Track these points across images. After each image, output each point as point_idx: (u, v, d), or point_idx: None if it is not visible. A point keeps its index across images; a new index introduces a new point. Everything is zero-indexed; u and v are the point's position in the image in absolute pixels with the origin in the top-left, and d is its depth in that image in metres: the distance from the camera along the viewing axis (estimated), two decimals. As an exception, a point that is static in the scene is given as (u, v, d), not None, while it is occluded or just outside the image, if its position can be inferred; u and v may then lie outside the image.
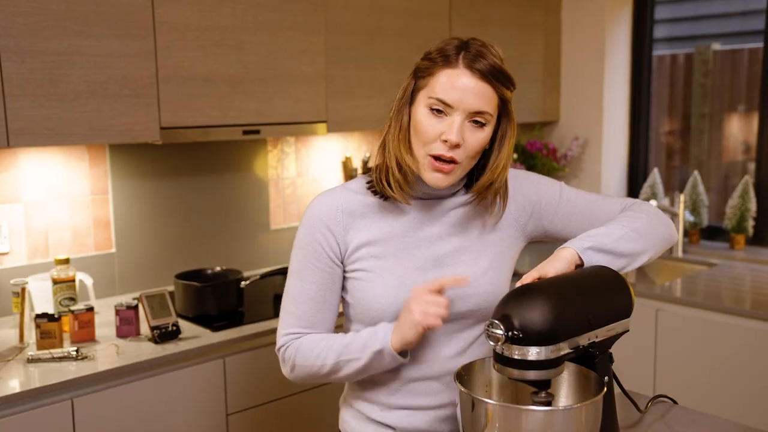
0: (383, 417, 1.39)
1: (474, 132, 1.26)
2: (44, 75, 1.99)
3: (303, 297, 1.36)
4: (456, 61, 1.25)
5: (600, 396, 1.11)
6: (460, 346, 1.36)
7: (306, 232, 1.37)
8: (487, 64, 1.24)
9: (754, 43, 3.28)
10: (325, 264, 1.35)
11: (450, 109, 1.25)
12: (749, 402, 2.44)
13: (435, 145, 1.26)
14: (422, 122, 1.26)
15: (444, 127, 1.25)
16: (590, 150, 3.52)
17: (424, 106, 1.27)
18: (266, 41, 2.42)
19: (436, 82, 1.25)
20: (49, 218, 2.39)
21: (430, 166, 1.27)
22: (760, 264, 2.99)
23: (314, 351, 1.33)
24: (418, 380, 1.36)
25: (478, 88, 1.24)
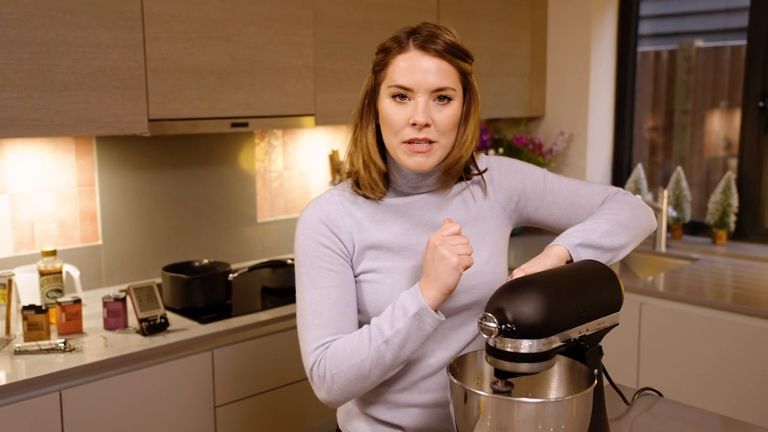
0: (391, 417, 1.36)
1: (441, 109, 1.26)
2: (32, 65, 1.98)
3: (324, 304, 1.28)
4: (407, 45, 1.26)
5: (591, 388, 1.12)
6: (468, 338, 1.35)
7: (306, 239, 1.31)
8: (440, 42, 1.25)
9: (737, 41, 3.32)
10: (338, 263, 1.30)
11: (411, 93, 1.25)
12: (730, 393, 2.48)
13: (405, 131, 1.26)
14: (388, 112, 1.26)
15: (410, 111, 1.25)
16: (575, 145, 3.55)
17: (387, 97, 1.27)
18: (255, 33, 2.41)
19: (393, 70, 1.26)
20: (35, 210, 2.37)
21: (407, 151, 1.27)
22: (741, 259, 3.04)
23: (347, 349, 1.23)
24: (427, 376, 1.34)
25: (435, 66, 1.25)
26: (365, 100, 1.32)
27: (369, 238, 1.32)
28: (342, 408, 1.47)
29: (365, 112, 1.32)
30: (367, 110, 1.32)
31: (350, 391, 1.25)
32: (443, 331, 1.34)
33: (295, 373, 2.35)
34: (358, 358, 1.22)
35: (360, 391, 1.26)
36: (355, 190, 1.35)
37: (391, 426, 1.37)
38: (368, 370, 1.22)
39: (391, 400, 1.36)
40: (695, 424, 1.49)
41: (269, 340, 2.28)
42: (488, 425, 1.11)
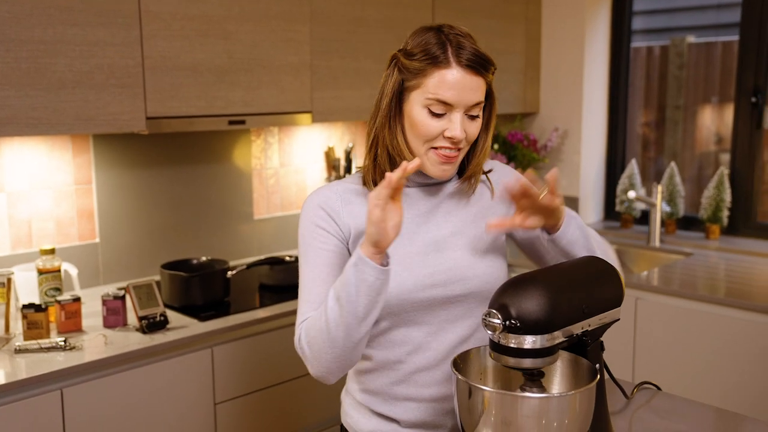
0: (387, 410, 1.38)
1: (471, 123, 1.32)
2: (29, 64, 1.97)
3: (314, 281, 1.32)
4: (446, 60, 1.27)
5: (593, 383, 1.14)
6: (464, 333, 1.37)
7: (305, 222, 1.36)
8: (470, 53, 1.28)
9: (729, 36, 3.35)
10: (331, 244, 1.34)
11: (450, 107, 1.28)
12: (723, 386, 2.51)
13: (438, 141, 1.30)
14: (422, 122, 1.29)
15: (445, 125, 1.29)
16: (570, 141, 3.57)
17: (420, 107, 1.29)
18: (252, 31, 2.42)
19: (431, 83, 1.28)
20: (32, 208, 2.37)
21: (437, 160, 1.32)
22: (734, 253, 3.07)
23: (314, 317, 1.27)
24: (423, 370, 1.36)
25: (473, 82, 1.28)
26: (392, 99, 1.32)
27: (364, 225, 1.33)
28: (344, 402, 1.49)
29: (393, 113, 1.33)
30: (394, 110, 1.33)
31: (326, 360, 1.25)
32: (438, 324, 1.36)
33: (294, 369, 2.36)
34: (322, 322, 1.23)
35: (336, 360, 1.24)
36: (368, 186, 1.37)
37: (388, 419, 1.39)
38: (332, 332, 1.22)
39: (388, 393, 1.38)
40: (692, 417, 1.51)
41: (268, 337, 2.29)
42: (492, 420, 1.13)
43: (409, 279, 1.32)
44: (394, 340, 1.36)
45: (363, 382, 1.42)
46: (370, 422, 1.41)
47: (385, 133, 1.33)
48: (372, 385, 1.40)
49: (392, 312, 1.33)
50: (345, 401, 1.49)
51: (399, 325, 1.35)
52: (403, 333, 1.35)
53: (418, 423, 1.38)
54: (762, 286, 2.63)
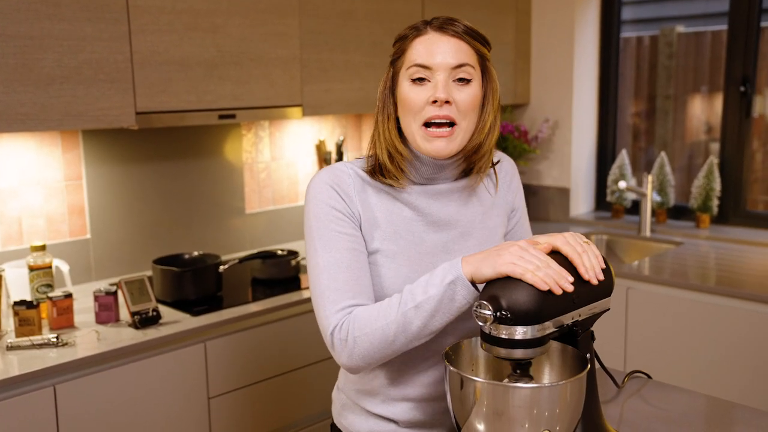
0: (384, 410, 1.36)
1: (461, 89, 1.27)
2: (17, 59, 1.96)
3: (339, 267, 1.25)
4: (425, 29, 1.28)
5: (584, 373, 1.15)
6: (464, 333, 1.36)
7: (318, 202, 1.29)
8: (459, 25, 1.28)
9: (718, 26, 3.35)
10: (350, 227, 1.28)
11: (431, 72, 1.26)
12: (714, 374, 2.53)
13: (425, 111, 1.26)
14: (408, 95, 1.27)
15: (429, 91, 1.26)
16: (560, 132, 3.58)
17: (406, 81, 1.28)
18: (241, 24, 2.41)
19: (411, 53, 1.27)
20: (22, 205, 2.36)
21: (426, 136, 1.27)
22: (724, 242, 3.09)
23: (373, 313, 1.20)
24: (420, 371, 1.35)
25: (454, 45, 1.27)
26: (385, 90, 1.33)
27: (378, 218, 1.32)
28: (336, 401, 1.47)
29: (386, 102, 1.32)
30: (387, 101, 1.32)
31: (372, 357, 1.21)
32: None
33: (287, 363, 2.37)
34: (384, 321, 1.18)
35: (381, 358, 1.22)
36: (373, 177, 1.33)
37: (385, 420, 1.38)
38: (393, 335, 1.18)
39: (386, 394, 1.36)
40: (683, 405, 1.52)
41: (261, 330, 2.29)
42: (484, 411, 1.13)
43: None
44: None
45: (359, 382, 1.39)
46: (367, 423, 1.39)
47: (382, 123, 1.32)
48: (369, 385, 1.37)
49: None
50: (338, 401, 1.46)
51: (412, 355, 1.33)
52: None
53: (416, 423, 1.37)
54: (752, 274, 2.64)
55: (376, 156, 1.33)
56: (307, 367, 2.42)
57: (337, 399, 1.47)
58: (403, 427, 1.37)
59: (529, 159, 3.64)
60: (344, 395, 1.44)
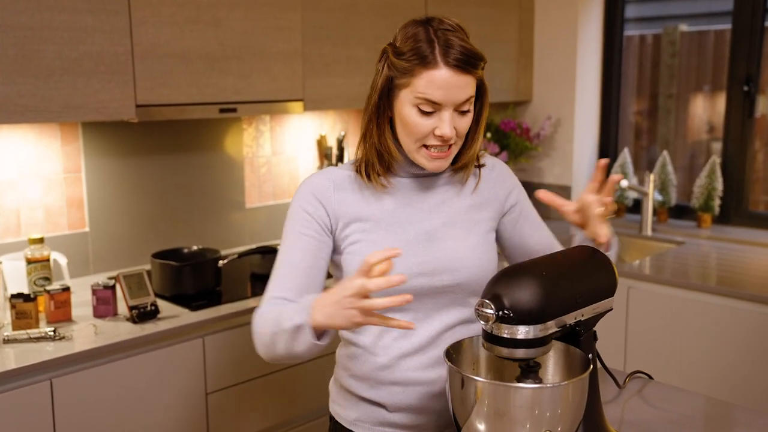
0: (374, 395, 1.39)
1: (461, 118, 1.32)
2: (17, 50, 1.95)
3: (284, 263, 1.35)
4: (434, 60, 1.26)
5: (586, 373, 1.14)
6: (450, 321, 1.39)
7: (295, 206, 1.39)
8: (460, 52, 1.26)
9: (721, 25, 3.34)
10: (313, 230, 1.36)
11: (438, 106, 1.28)
12: (714, 374, 2.52)
13: (429, 139, 1.31)
14: (413, 120, 1.30)
15: (435, 122, 1.29)
16: (562, 129, 3.56)
17: (410, 105, 1.30)
18: (243, 18, 2.39)
19: (419, 83, 1.27)
20: (20, 197, 2.34)
21: (428, 156, 1.33)
22: (725, 242, 3.08)
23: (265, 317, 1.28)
24: (408, 355, 1.37)
25: (461, 81, 1.28)
26: (380, 98, 1.32)
27: (358, 210, 1.37)
28: (332, 390, 1.51)
29: (381, 110, 1.33)
30: (382, 110, 1.33)
31: (266, 354, 1.29)
32: (425, 311, 1.37)
33: (285, 358, 2.36)
34: (266, 329, 1.26)
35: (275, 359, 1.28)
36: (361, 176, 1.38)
37: (375, 404, 1.41)
38: (271, 345, 1.26)
39: (375, 378, 1.39)
40: (684, 405, 1.51)
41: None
42: (485, 411, 1.13)
43: (400, 267, 1.32)
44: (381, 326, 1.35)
45: (350, 368, 1.42)
46: (357, 408, 1.42)
47: (373, 129, 1.35)
48: (359, 370, 1.41)
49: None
50: (333, 389, 1.51)
51: (386, 311, 1.34)
52: None
53: (404, 407, 1.39)
54: (753, 274, 2.63)
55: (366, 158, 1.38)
56: (305, 364, 2.40)
57: (332, 387, 1.51)
58: (392, 411, 1.40)
59: (530, 156, 3.63)
60: (338, 382, 1.48)
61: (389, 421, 1.40)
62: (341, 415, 1.45)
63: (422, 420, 1.40)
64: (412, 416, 1.39)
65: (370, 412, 1.41)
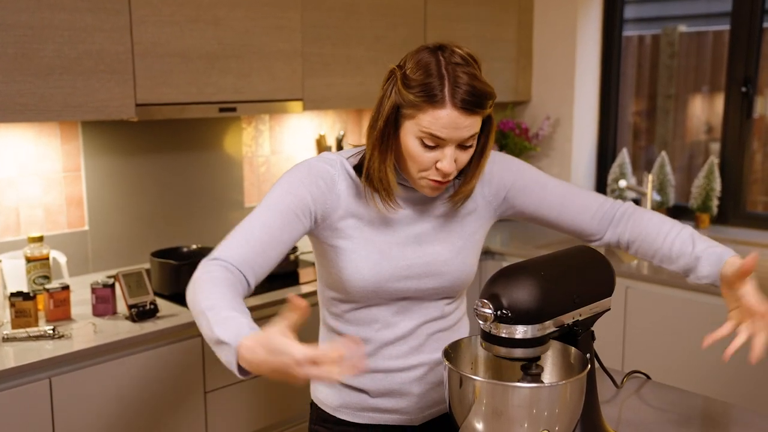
0: (356, 382, 1.44)
1: (463, 152, 1.32)
2: (16, 49, 1.95)
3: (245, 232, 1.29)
4: (442, 100, 1.24)
5: (584, 373, 1.14)
6: (431, 315, 1.43)
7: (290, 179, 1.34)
8: (468, 93, 1.24)
9: (720, 26, 3.35)
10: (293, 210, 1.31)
11: (442, 141, 1.28)
12: (712, 374, 2.53)
13: (430, 172, 1.31)
14: (416, 152, 1.29)
15: (437, 156, 1.29)
16: (561, 129, 3.57)
17: (414, 137, 1.28)
18: (243, 17, 2.40)
19: (425, 119, 1.26)
20: (20, 195, 2.35)
21: (428, 185, 1.33)
22: (723, 242, 3.07)
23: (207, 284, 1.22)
24: (390, 344, 1.42)
25: (467, 122, 1.27)
26: (386, 127, 1.30)
27: (356, 207, 1.37)
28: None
29: (386, 138, 1.31)
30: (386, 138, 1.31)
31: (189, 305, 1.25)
32: (407, 304, 1.41)
33: (284, 357, 2.36)
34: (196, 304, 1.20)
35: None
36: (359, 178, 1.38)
37: (358, 390, 1.45)
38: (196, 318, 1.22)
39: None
40: (681, 405, 1.52)
41: (259, 325, 2.27)
42: (483, 410, 1.13)
43: (387, 269, 1.36)
44: (363, 318, 1.41)
45: None
46: (341, 395, 1.47)
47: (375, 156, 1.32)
48: None
49: (365, 297, 1.38)
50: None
51: (369, 306, 1.41)
52: (374, 312, 1.41)
53: (385, 392, 1.44)
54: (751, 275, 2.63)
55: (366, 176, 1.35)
56: (304, 363, 2.41)
57: None
58: (374, 396, 1.45)
59: (529, 156, 3.63)
60: None
61: (372, 405, 1.45)
62: (325, 403, 1.50)
63: (404, 403, 1.44)
64: (394, 400, 1.44)
65: (353, 397, 1.46)
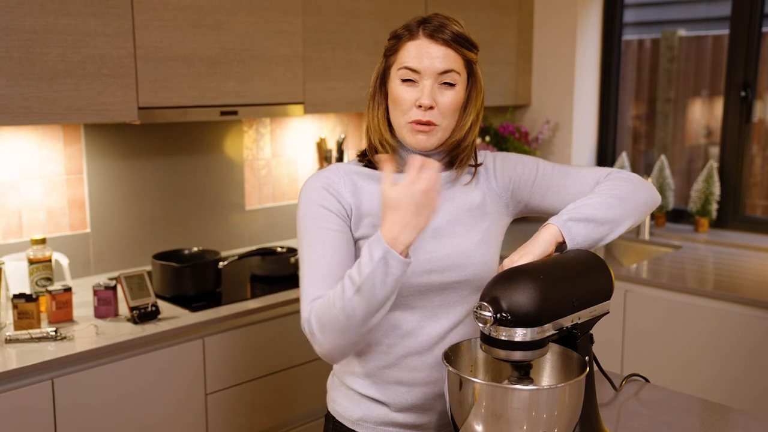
0: (377, 393, 1.39)
1: (445, 93, 1.35)
2: (21, 53, 1.96)
3: (317, 261, 1.30)
4: (417, 33, 1.34)
5: (583, 376, 1.15)
6: (456, 319, 1.39)
7: (307, 202, 1.36)
8: (448, 32, 1.34)
9: (719, 30, 3.36)
10: (334, 223, 1.33)
11: (419, 75, 1.33)
12: (711, 378, 2.54)
13: (412, 112, 1.34)
14: (398, 94, 1.35)
15: (417, 93, 1.34)
16: (561, 133, 3.58)
17: (396, 80, 1.36)
18: (244, 22, 2.41)
19: (403, 54, 1.35)
20: (23, 198, 2.36)
21: (411, 130, 1.35)
22: (722, 246, 3.10)
23: (327, 302, 1.24)
24: (413, 354, 1.37)
25: (442, 53, 1.33)
26: (377, 81, 1.41)
27: (367, 206, 1.37)
28: (330, 388, 1.49)
29: (377, 92, 1.41)
30: (378, 91, 1.41)
31: (338, 344, 1.24)
32: (432, 309, 1.37)
33: (285, 359, 2.37)
34: (336, 309, 1.21)
35: (350, 344, 1.25)
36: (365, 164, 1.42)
37: (378, 403, 1.40)
38: (346, 320, 1.21)
39: (379, 377, 1.39)
40: (679, 408, 1.53)
41: (259, 327, 2.29)
42: (483, 412, 1.14)
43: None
44: (387, 324, 1.36)
45: (353, 366, 1.41)
46: (360, 407, 1.41)
47: (371, 114, 1.41)
48: (362, 368, 1.40)
49: None
50: (332, 388, 1.49)
51: (393, 309, 1.36)
52: (397, 317, 1.36)
53: (407, 407, 1.39)
54: (750, 278, 2.65)
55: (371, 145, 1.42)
56: (304, 365, 2.42)
57: (331, 385, 1.49)
58: (395, 410, 1.39)
59: (529, 160, 3.64)
60: (338, 380, 1.46)
61: (393, 420, 1.40)
62: (343, 415, 1.44)
63: (425, 419, 1.40)
64: (416, 415, 1.40)
65: (373, 411, 1.40)
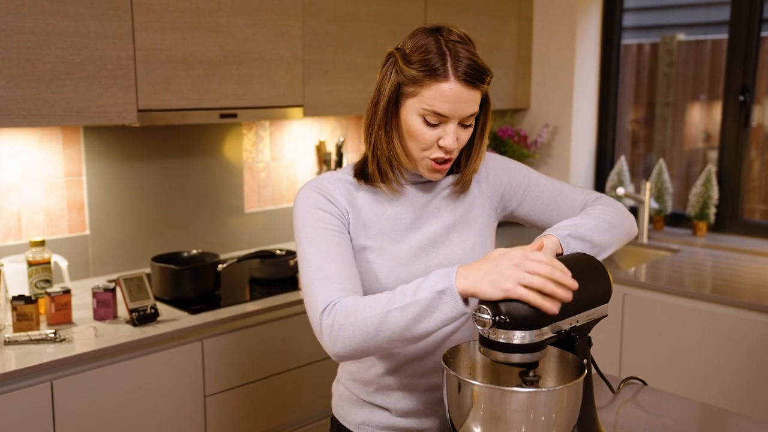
0: (378, 399, 1.41)
1: (464, 131, 1.34)
2: (20, 55, 1.97)
3: (324, 258, 1.26)
4: (444, 74, 1.26)
5: (581, 378, 1.16)
6: (454, 324, 1.38)
7: (305, 207, 1.33)
8: (470, 66, 1.27)
9: (718, 35, 3.37)
10: (335, 225, 1.32)
11: (445, 119, 1.29)
12: (709, 381, 2.54)
13: (432, 150, 1.32)
14: (418, 130, 1.31)
15: (440, 133, 1.31)
16: (560, 137, 3.59)
17: (416, 114, 1.30)
18: (244, 24, 2.41)
19: (428, 95, 1.27)
20: (22, 200, 2.36)
21: (429, 167, 1.35)
22: (720, 250, 3.10)
23: (361, 304, 1.19)
24: (415, 360, 1.38)
25: (469, 95, 1.29)
26: (388, 106, 1.32)
27: (364, 216, 1.37)
28: (335, 393, 1.51)
29: (389, 118, 1.33)
30: (390, 117, 1.33)
31: (354, 347, 1.19)
32: None
33: (284, 362, 2.37)
34: (369, 314, 1.16)
35: (364, 351, 1.19)
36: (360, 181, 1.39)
37: (380, 408, 1.42)
38: (375, 330, 1.16)
39: (380, 383, 1.40)
40: (677, 411, 1.53)
41: (258, 330, 2.29)
42: (481, 414, 1.14)
43: (405, 274, 1.35)
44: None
45: (355, 372, 1.44)
46: (362, 412, 1.43)
47: (381, 137, 1.34)
48: (364, 375, 1.42)
49: None
50: (336, 392, 1.51)
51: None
52: None
53: (409, 412, 1.40)
54: (748, 282, 2.66)
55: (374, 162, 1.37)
56: (303, 367, 2.42)
57: (336, 390, 1.52)
58: (396, 416, 1.41)
59: (528, 164, 3.65)
60: (342, 386, 1.49)
61: (394, 425, 1.41)
62: (346, 419, 1.46)
63: (426, 424, 1.41)
64: (417, 420, 1.41)
65: (375, 415, 1.42)
